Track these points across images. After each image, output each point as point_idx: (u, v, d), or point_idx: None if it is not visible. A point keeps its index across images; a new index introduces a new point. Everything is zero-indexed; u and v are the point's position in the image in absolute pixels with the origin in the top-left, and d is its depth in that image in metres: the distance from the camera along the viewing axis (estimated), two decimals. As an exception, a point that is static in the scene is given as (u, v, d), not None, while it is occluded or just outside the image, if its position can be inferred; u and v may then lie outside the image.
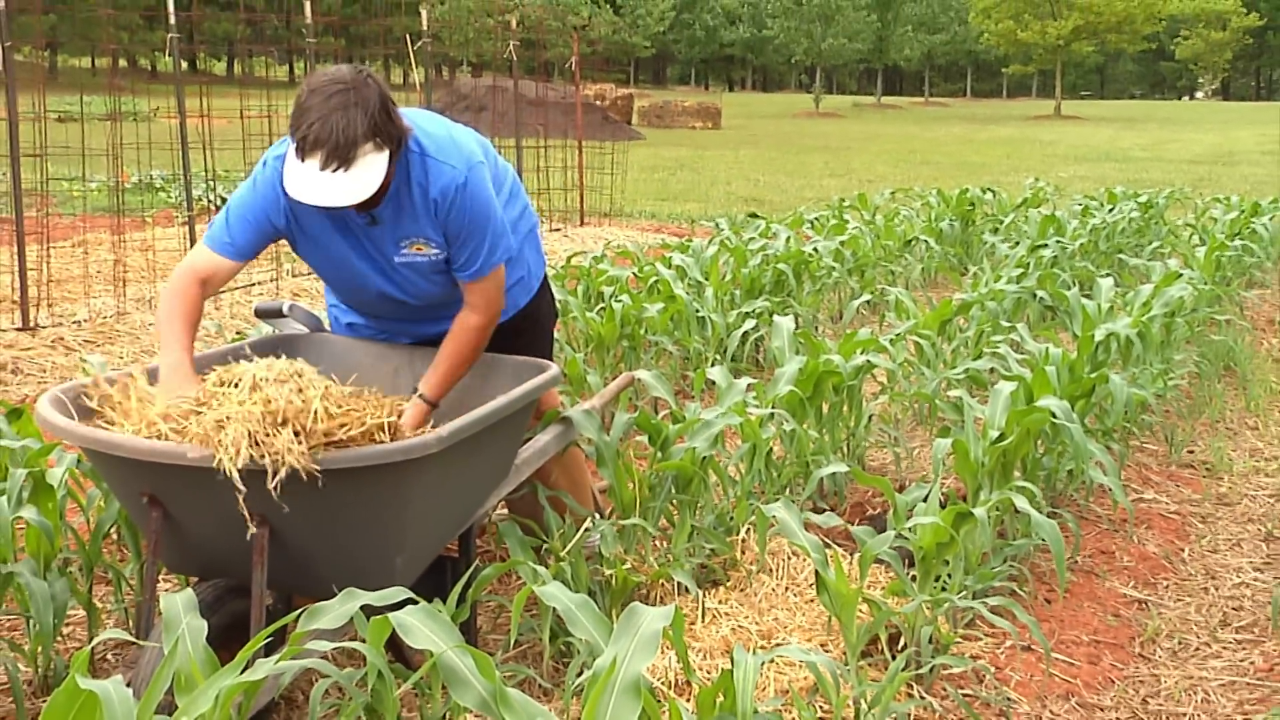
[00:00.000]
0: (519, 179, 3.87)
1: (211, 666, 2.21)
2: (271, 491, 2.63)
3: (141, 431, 2.80)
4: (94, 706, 1.80)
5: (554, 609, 2.49)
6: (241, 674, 2.10)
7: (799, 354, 5.25)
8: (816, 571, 3.26)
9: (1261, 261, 10.96)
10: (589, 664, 2.37)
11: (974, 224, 11.63)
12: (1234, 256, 9.71)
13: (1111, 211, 11.83)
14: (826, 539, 4.16)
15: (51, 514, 3.40)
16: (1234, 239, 10.24)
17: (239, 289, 8.99)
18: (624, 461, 3.97)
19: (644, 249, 10.59)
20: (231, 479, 2.61)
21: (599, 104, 32.93)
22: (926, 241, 10.37)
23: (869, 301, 8.45)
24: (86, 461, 3.47)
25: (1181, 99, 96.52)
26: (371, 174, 3.09)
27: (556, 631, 3.43)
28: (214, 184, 11.33)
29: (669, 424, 4.16)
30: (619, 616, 2.28)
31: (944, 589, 3.68)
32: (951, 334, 6.52)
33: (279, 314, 3.79)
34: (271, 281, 9.22)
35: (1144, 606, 4.25)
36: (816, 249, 8.53)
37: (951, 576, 3.70)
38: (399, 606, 2.35)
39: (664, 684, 3.27)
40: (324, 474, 2.67)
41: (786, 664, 3.37)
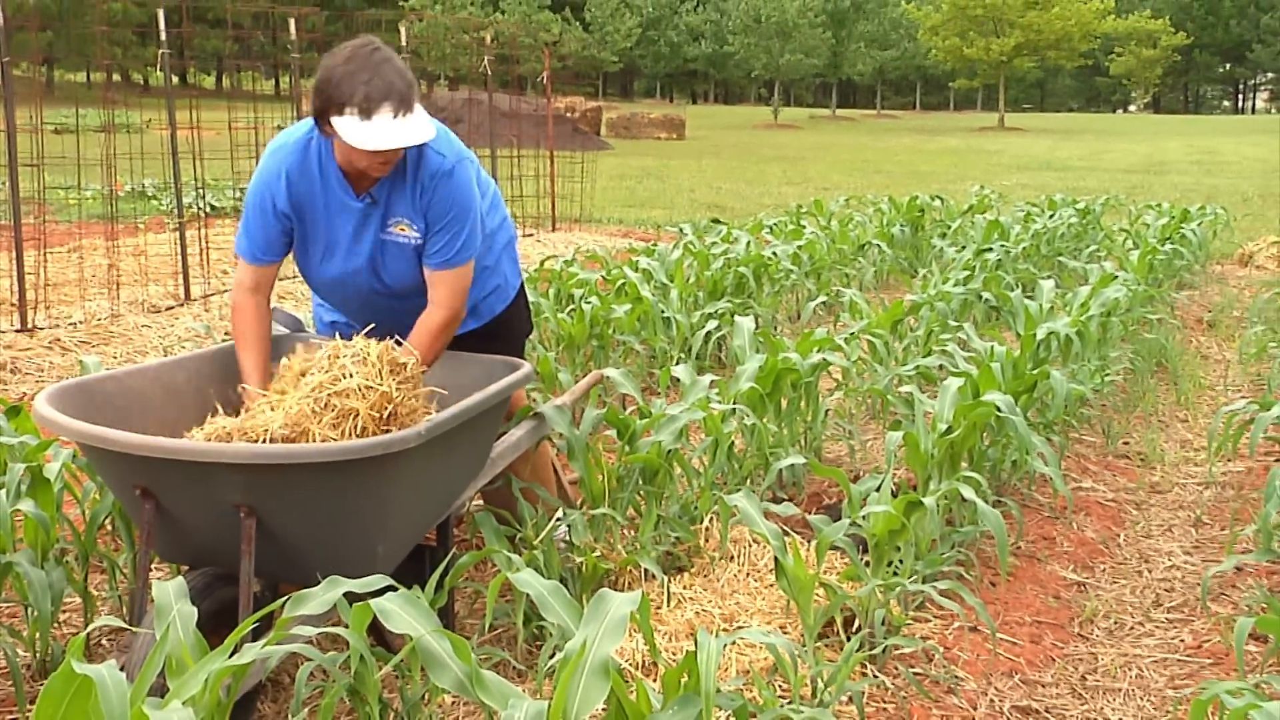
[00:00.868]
0: (498, 190, 3.87)
1: (201, 651, 2.20)
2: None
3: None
4: (89, 690, 1.79)
5: (527, 595, 2.48)
6: (230, 658, 2.09)
7: (759, 352, 5.25)
8: (776, 558, 3.27)
9: (1190, 264, 11.07)
10: (560, 647, 2.36)
11: (923, 229, 11.66)
12: (1165, 260, 9.79)
13: (1052, 217, 11.88)
14: (785, 527, 4.14)
15: (49, 506, 3.37)
16: (1165, 243, 10.32)
17: (226, 291, 8.92)
18: (593, 455, 3.96)
19: (612, 253, 10.56)
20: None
21: (569, 116, 32.81)
22: (879, 246, 10.39)
23: (825, 302, 8.47)
24: (82, 456, 3.45)
25: (1116, 112, 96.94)
26: (426, 116, 3.20)
27: (530, 616, 3.43)
28: (203, 192, 11.22)
29: (636, 419, 4.16)
30: (589, 601, 2.28)
31: (896, 574, 3.69)
32: (902, 333, 6.54)
33: None
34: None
35: (1082, 589, 4.27)
36: (775, 253, 8.54)
37: (903, 562, 3.71)
38: (380, 593, 2.34)
39: (632, 665, 3.27)
40: (310, 466, 2.66)
41: (747, 645, 3.37)
